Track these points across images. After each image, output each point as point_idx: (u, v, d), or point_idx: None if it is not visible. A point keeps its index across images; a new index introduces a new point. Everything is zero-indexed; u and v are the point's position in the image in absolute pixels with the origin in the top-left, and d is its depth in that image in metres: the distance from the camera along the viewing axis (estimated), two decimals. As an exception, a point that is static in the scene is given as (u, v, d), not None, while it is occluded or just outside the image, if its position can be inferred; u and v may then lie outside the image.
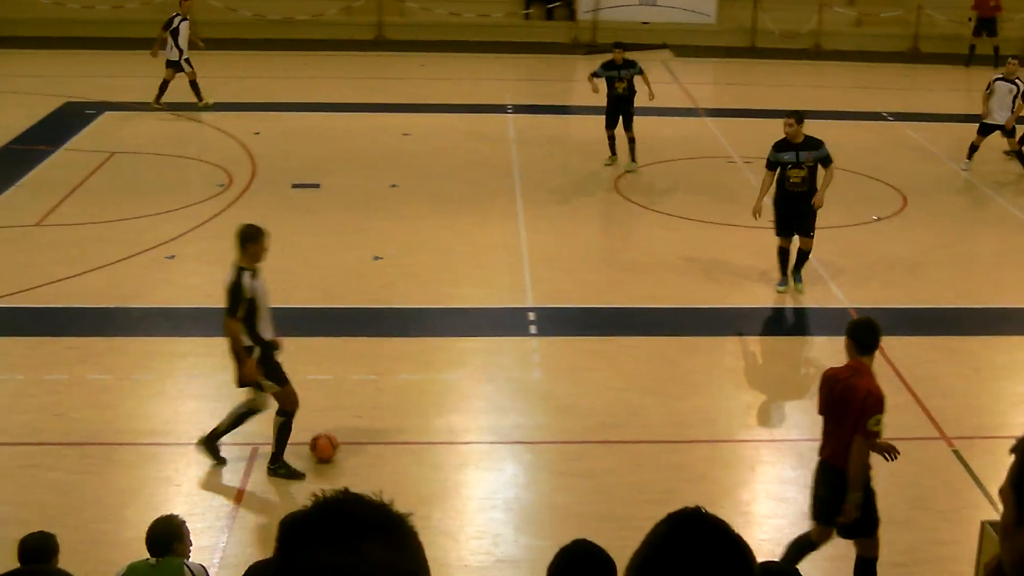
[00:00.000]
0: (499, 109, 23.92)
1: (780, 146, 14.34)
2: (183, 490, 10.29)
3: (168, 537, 7.05)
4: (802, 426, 11.45)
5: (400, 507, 2.45)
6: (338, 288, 14.67)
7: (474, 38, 30.99)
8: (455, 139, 21.64)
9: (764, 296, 14.76)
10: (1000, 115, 19.75)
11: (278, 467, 10.38)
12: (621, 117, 19.50)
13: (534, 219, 17.20)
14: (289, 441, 10.37)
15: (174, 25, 22.53)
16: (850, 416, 8.22)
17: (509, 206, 17.74)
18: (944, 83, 28.64)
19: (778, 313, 14.56)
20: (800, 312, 14.61)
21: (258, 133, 21.44)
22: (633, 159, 19.59)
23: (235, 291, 9.95)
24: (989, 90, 19.91)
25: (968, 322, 14.17)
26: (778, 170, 14.32)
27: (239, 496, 10.15)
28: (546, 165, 20.00)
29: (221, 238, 16.02)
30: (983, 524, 8.25)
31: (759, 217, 14.59)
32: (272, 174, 19.10)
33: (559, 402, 11.88)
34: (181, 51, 22.54)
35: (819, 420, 8.61)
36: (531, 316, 13.77)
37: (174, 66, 22.59)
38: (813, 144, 14.26)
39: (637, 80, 19.49)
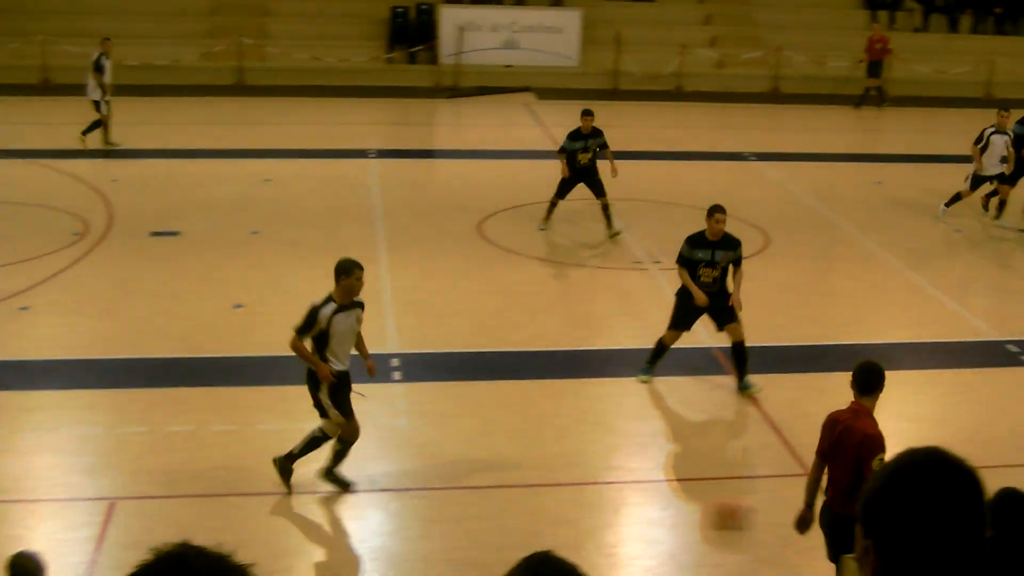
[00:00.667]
0: (361, 154, 23.81)
1: (696, 242, 12.93)
2: (35, 548, 9.93)
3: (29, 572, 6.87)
4: (667, 466, 11.48)
5: (243, 558, 2.34)
6: (197, 337, 14.40)
7: (336, 82, 30.89)
8: (317, 185, 21.47)
9: (628, 338, 14.80)
10: (994, 166, 19.85)
11: (329, 474, 10.74)
12: (587, 187, 18.54)
13: (397, 264, 17.10)
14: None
15: (100, 63, 22.80)
16: (848, 458, 8.28)
17: (372, 251, 17.59)
18: (804, 123, 29.26)
19: (643, 355, 14.57)
20: (681, 352, 14.58)
21: (115, 180, 21.05)
22: (611, 224, 18.66)
23: (311, 314, 10.31)
24: (983, 143, 19.84)
25: (833, 359, 14.33)
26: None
27: (95, 553, 9.84)
28: (409, 210, 19.92)
29: (76, 288, 15.73)
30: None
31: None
32: (130, 222, 18.74)
33: (425, 448, 11.76)
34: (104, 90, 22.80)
35: (684, 460, 8.62)
36: (395, 362, 13.63)
37: (99, 104, 22.86)
38: (731, 243, 12.98)
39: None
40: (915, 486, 2.84)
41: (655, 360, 13.34)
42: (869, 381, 8.55)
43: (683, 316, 13.14)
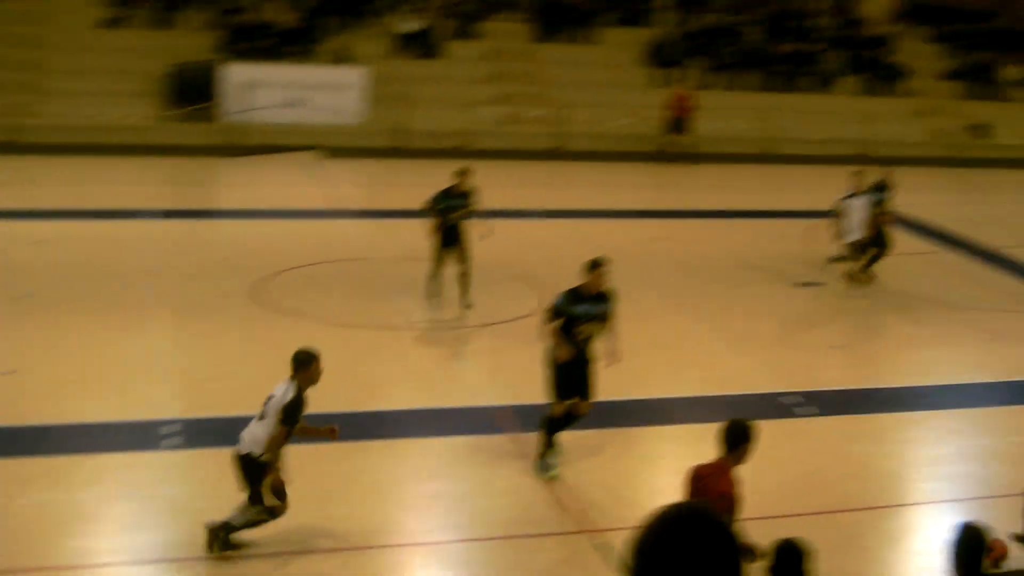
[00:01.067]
0: (137, 214, 23.25)
1: (575, 296, 12.31)
2: None
3: None
4: (448, 527, 11.38)
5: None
6: (-39, 406, 13.77)
7: (113, 140, 30.10)
8: (92, 246, 20.87)
9: (410, 399, 14.70)
10: (856, 232, 19.85)
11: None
12: (455, 248, 17.79)
13: (172, 328, 16.68)
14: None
15: None
16: None
17: (146, 314, 17.16)
18: (588, 179, 29.72)
19: (421, 416, 14.42)
20: (460, 412, 14.54)
21: None
22: (467, 293, 17.98)
23: (299, 405, 10.73)
24: (838, 213, 19.87)
25: (620, 414, 14.38)
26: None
27: None
28: (182, 271, 19.47)
29: None
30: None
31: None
32: None
33: (199, 516, 11.40)
34: None
35: (465, 520, 8.51)
36: (164, 430, 13.23)
37: None
38: (605, 296, 12.42)
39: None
40: (674, 540, 3.02)
41: (551, 441, 12.53)
42: (733, 438, 8.66)
43: (565, 381, 12.41)
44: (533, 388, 13.47)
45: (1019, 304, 20.55)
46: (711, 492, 8.40)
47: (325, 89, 32.10)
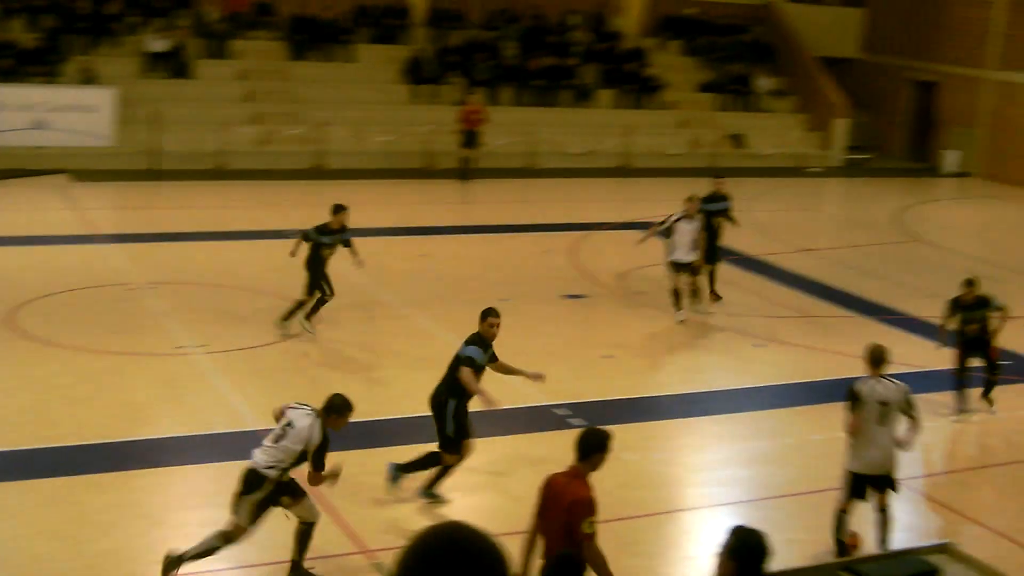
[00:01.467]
0: None
1: (484, 346, 12.42)
2: None
3: None
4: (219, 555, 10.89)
5: None
6: None
7: None
8: None
9: (173, 426, 14.14)
10: (686, 254, 19.09)
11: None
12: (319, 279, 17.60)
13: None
14: None
15: None
16: (558, 520, 8.37)
17: None
18: (351, 198, 29.20)
19: (188, 442, 13.88)
20: (209, 439, 14.01)
21: None
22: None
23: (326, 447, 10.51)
24: (667, 230, 19.14)
25: (385, 434, 14.15)
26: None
27: None
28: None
29: None
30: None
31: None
32: None
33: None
34: None
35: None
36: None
37: None
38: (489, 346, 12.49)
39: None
40: (436, 562, 3.02)
41: (433, 486, 12.42)
42: (586, 446, 8.60)
43: (466, 426, 12.39)
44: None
45: (784, 309, 21.01)
46: (564, 497, 8.38)
47: (73, 110, 30.82)
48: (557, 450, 13.52)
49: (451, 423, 12.26)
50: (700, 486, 13.70)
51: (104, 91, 31.41)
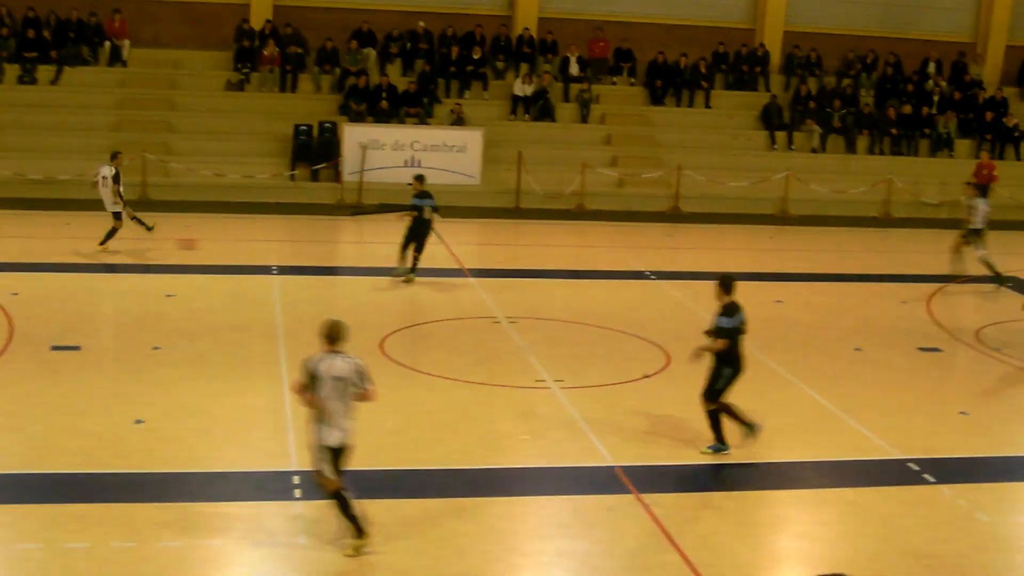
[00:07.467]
0: (264, 270, 23.81)
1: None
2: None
3: None
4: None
5: None
6: (98, 452, 14.16)
7: (239, 199, 30.95)
8: (219, 300, 21.41)
9: (531, 457, 14.81)
10: None
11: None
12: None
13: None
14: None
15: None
16: None
17: (273, 368, 17.53)
18: (703, 242, 29.77)
19: (545, 474, 14.47)
20: (565, 471, 14.62)
21: (16, 294, 20.82)
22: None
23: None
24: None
25: (733, 478, 14.43)
26: None
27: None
28: (312, 326, 19.74)
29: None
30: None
31: None
32: (30, 336, 18.53)
33: (324, 568, 11.62)
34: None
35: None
36: (296, 480, 13.50)
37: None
38: None
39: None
40: None
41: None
42: None
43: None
44: (658, 448, 13.43)
45: None
46: None
47: (443, 150, 32.71)
48: (905, 505, 13.57)
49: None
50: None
51: (473, 132, 33.14)
